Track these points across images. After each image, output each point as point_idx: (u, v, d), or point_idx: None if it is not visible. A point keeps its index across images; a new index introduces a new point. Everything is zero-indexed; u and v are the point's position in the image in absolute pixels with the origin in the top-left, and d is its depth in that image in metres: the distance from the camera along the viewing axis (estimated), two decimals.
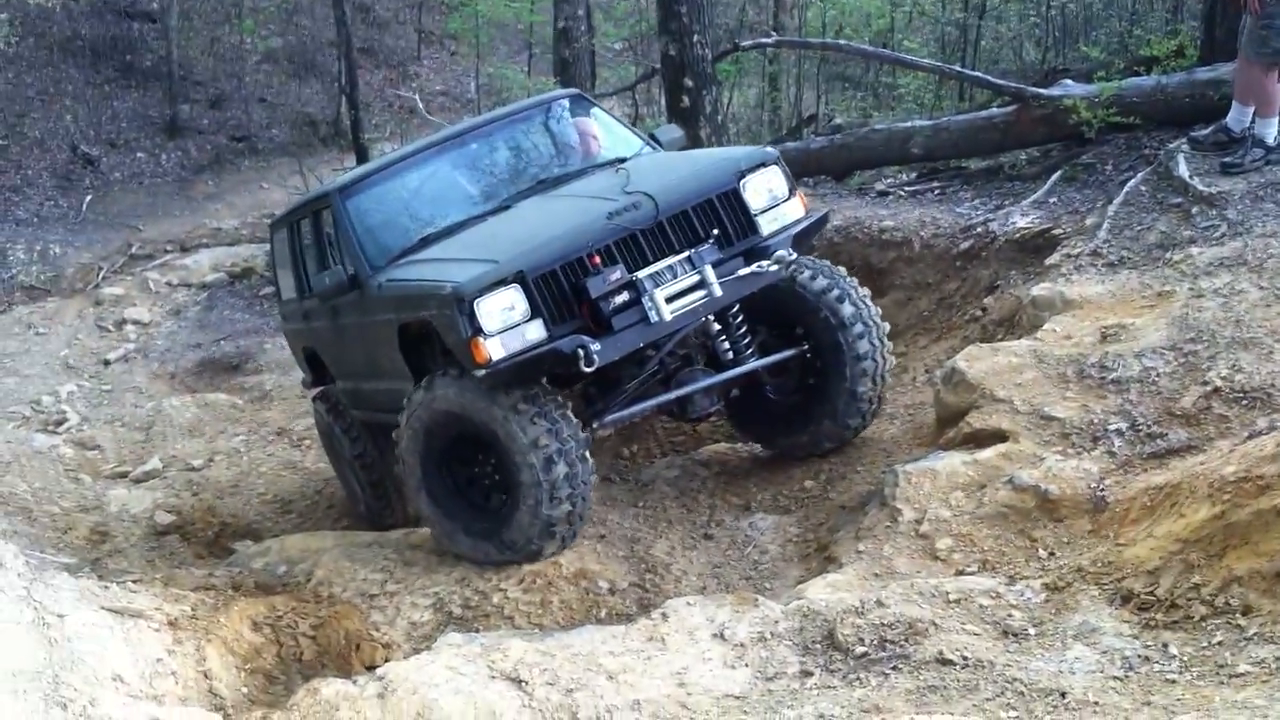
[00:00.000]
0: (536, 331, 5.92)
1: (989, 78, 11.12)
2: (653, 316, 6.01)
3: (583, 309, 6.01)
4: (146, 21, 22.66)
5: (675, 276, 6.09)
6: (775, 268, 6.35)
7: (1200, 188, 7.80)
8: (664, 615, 5.16)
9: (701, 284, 6.12)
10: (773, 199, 6.53)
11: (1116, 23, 14.08)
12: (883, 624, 4.70)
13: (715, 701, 4.48)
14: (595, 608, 6.23)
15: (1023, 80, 11.22)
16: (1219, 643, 4.14)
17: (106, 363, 13.98)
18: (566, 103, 8.16)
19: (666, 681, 4.65)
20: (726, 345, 6.83)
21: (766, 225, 6.47)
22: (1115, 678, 4.12)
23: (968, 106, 12.63)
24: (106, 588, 5.76)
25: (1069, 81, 10.07)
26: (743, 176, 6.48)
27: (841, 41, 14.68)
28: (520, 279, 5.90)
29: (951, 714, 3.80)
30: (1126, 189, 8.35)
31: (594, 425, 6.55)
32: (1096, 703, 3.91)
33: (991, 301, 8.34)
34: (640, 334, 6.09)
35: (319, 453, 10.56)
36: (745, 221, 6.44)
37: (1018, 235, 8.70)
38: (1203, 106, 8.85)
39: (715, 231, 6.29)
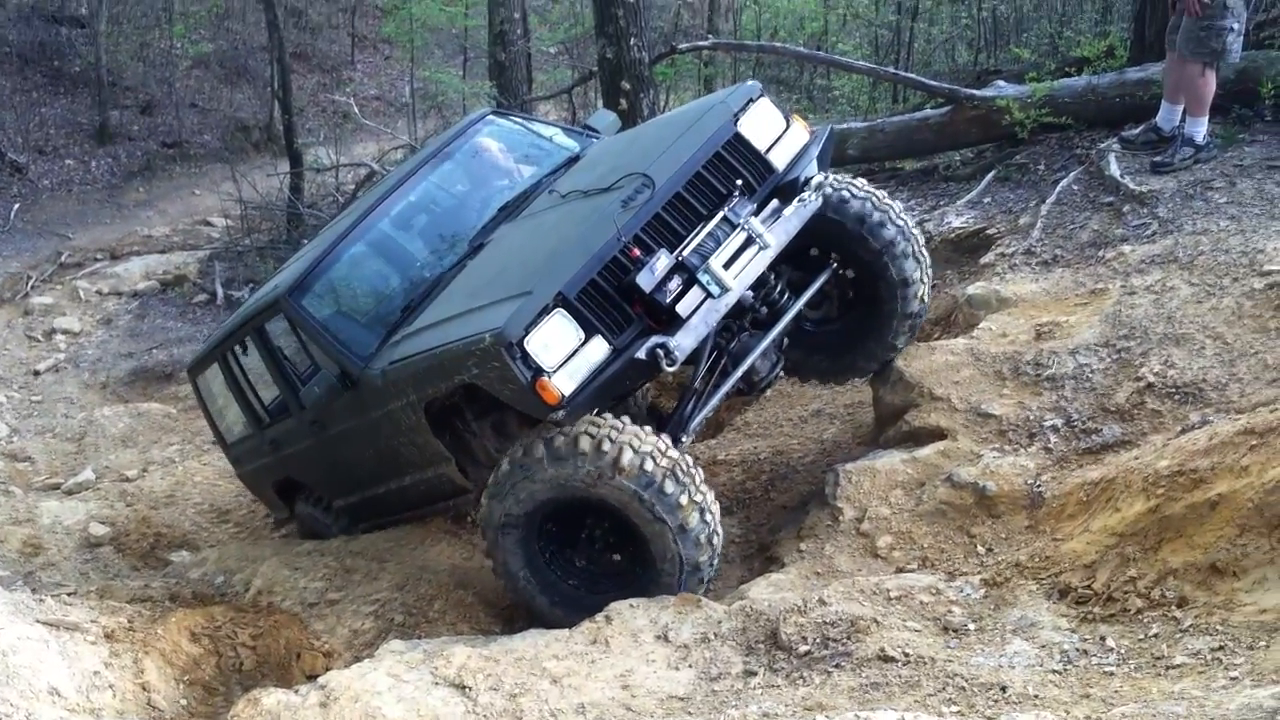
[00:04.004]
0: (599, 350, 5.28)
1: (923, 79, 11.23)
2: (715, 290, 5.42)
3: (635, 309, 5.42)
4: (75, 27, 22.37)
5: (719, 242, 5.52)
6: (815, 197, 5.90)
7: (1131, 186, 7.92)
8: (607, 618, 5.14)
9: (750, 239, 5.57)
10: (775, 131, 6.02)
11: (1047, 24, 14.29)
12: (825, 622, 4.72)
13: (660, 703, 4.47)
14: None
15: (956, 82, 11.33)
16: (1155, 635, 4.19)
17: (36, 373, 13.75)
18: (484, 126, 7.63)
19: (611, 684, 4.64)
20: (757, 300, 6.14)
21: (780, 159, 5.98)
22: (1054, 671, 4.16)
23: (902, 108, 12.74)
24: (41, 601, 5.67)
25: (1001, 83, 10.20)
26: (737, 119, 5.93)
27: (778, 44, 14.74)
28: (562, 301, 5.25)
29: (894, 710, 3.81)
30: (1059, 188, 8.48)
31: (682, 439, 5.77)
32: (1036, 696, 3.94)
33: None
34: (712, 312, 5.48)
35: None
36: (759, 163, 5.92)
37: (953, 235, 8.81)
38: (1133, 106, 9.01)
39: (739, 182, 5.78)
